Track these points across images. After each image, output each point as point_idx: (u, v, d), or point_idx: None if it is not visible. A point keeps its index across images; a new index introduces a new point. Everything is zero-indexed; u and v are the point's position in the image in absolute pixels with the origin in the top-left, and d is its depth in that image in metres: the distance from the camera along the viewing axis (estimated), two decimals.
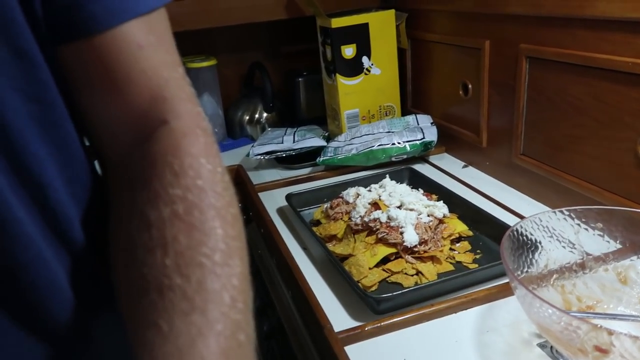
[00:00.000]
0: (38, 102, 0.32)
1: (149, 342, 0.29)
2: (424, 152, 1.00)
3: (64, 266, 0.35)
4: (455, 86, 0.98)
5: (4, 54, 0.30)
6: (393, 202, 0.74)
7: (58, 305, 0.34)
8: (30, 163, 0.32)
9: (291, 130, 1.17)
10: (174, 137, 0.36)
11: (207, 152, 0.36)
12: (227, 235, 0.33)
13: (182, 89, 0.38)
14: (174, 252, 0.31)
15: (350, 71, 1.07)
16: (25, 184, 0.32)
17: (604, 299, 0.55)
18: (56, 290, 0.34)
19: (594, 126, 0.68)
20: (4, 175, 0.31)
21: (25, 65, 0.31)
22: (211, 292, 0.30)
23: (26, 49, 0.31)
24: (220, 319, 0.29)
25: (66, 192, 0.35)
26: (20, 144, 0.32)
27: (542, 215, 0.57)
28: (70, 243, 0.35)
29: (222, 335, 0.29)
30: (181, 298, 0.29)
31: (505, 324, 0.56)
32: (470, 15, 0.90)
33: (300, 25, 1.21)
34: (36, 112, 0.32)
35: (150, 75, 0.36)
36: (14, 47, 0.30)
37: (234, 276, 0.31)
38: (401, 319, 0.57)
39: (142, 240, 0.32)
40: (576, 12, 0.66)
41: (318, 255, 0.72)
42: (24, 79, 0.31)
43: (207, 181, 0.34)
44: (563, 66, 0.71)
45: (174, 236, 0.31)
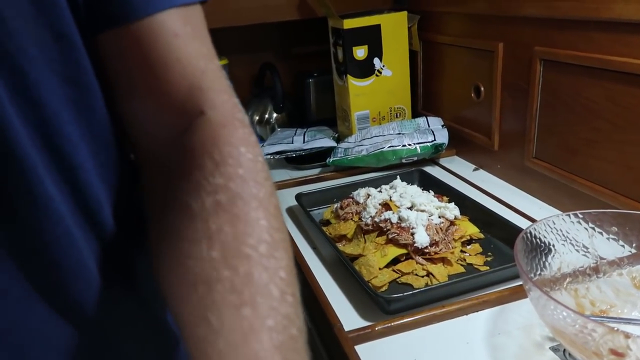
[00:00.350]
0: (75, 85, 0.33)
1: (201, 339, 0.28)
2: (435, 154, 0.99)
3: (91, 248, 0.35)
4: (467, 89, 0.98)
5: (45, 37, 0.31)
6: (404, 203, 0.74)
7: (83, 286, 0.34)
8: (64, 144, 0.33)
9: (301, 130, 1.17)
10: (212, 127, 0.35)
11: (247, 141, 0.36)
12: (271, 227, 0.32)
13: (218, 80, 0.38)
14: (220, 244, 0.31)
15: (362, 72, 1.07)
16: (58, 164, 0.33)
17: (617, 303, 0.55)
18: (81, 270, 0.34)
19: (608, 129, 0.68)
20: (38, 154, 0.31)
21: (64, 48, 0.32)
22: (260, 285, 0.29)
23: (65, 32, 0.31)
24: (270, 314, 0.29)
25: (97, 175, 0.35)
26: (55, 125, 0.32)
27: (556, 218, 0.57)
28: (99, 225, 0.36)
29: (274, 331, 0.28)
30: (230, 291, 0.29)
31: (517, 326, 0.55)
32: (483, 18, 0.90)
33: (311, 26, 1.21)
34: (72, 95, 0.33)
35: (185, 64, 0.36)
36: (54, 30, 0.31)
37: (280, 269, 0.31)
38: (412, 320, 0.56)
39: (186, 232, 0.32)
40: (592, 14, 0.66)
41: (328, 255, 0.72)
42: (62, 62, 0.32)
43: (248, 170, 0.34)
44: (578, 69, 0.71)
45: (219, 227, 0.31)
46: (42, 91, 0.31)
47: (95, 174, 0.35)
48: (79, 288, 0.34)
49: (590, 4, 0.65)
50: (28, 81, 0.30)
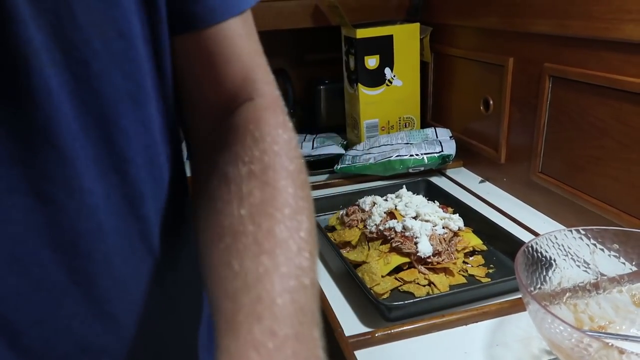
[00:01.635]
0: (132, 81, 0.35)
1: (222, 278, 0.32)
2: (442, 165, 1.00)
3: (127, 242, 0.37)
4: (476, 101, 0.99)
5: (109, 32, 0.33)
6: (409, 213, 0.75)
7: (111, 281, 0.35)
8: (118, 137, 0.34)
9: (310, 137, 1.18)
10: (257, 110, 0.40)
11: (285, 125, 0.40)
12: (296, 195, 0.35)
13: (266, 74, 0.43)
14: (249, 204, 0.34)
15: (372, 81, 1.08)
16: (111, 156, 0.34)
17: (616, 320, 0.55)
18: (110, 265, 0.35)
19: (615, 148, 0.68)
20: (86, 146, 0.33)
21: (125, 45, 0.34)
22: (279, 239, 0.32)
23: (127, 31, 0.34)
24: (285, 263, 0.31)
25: (145, 171, 0.37)
26: (113, 118, 0.34)
27: (558, 233, 0.58)
28: (140, 219, 0.37)
29: (286, 276, 0.31)
30: (252, 242, 0.32)
31: (515, 339, 0.56)
32: (495, 33, 0.91)
33: (324, 34, 1.22)
34: (129, 90, 0.35)
35: (243, 60, 0.40)
36: (117, 27, 0.33)
37: (301, 230, 0.34)
38: (411, 328, 0.57)
39: (221, 193, 0.35)
40: (602, 34, 0.66)
41: (332, 261, 0.73)
42: (123, 58, 0.34)
43: (283, 148, 0.37)
44: (586, 87, 0.71)
45: (249, 191, 0.34)
46: (103, 83, 0.33)
47: (144, 170, 0.37)
48: (105, 284, 0.35)
49: (601, 24, 0.66)
50: (91, 72, 0.32)
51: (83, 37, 0.31)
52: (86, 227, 0.33)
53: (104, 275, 0.35)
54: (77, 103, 0.32)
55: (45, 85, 0.30)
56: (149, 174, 0.37)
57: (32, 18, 0.29)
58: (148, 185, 0.37)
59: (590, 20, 0.68)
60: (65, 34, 0.30)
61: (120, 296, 0.36)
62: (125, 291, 0.37)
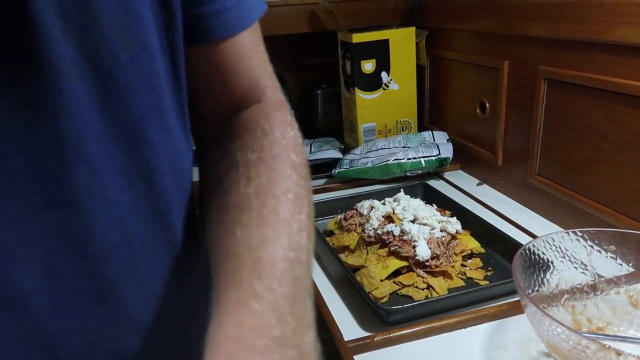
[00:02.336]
0: (155, 91, 0.36)
1: (225, 244, 0.34)
2: (439, 168, 1.01)
3: (154, 249, 0.38)
4: (472, 104, 0.99)
5: (134, 44, 0.34)
6: (407, 216, 0.75)
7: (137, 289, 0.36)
8: (145, 147, 0.35)
9: (308, 141, 1.19)
10: (266, 108, 0.43)
11: (292, 124, 0.43)
12: (299, 184, 0.38)
13: (274, 80, 0.46)
14: (255, 185, 0.36)
15: (369, 86, 1.09)
16: (138, 166, 0.35)
17: (614, 321, 0.56)
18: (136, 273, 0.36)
19: (610, 150, 0.69)
20: (121, 158, 0.34)
21: (148, 56, 0.35)
22: (282, 217, 0.35)
23: (148, 42, 0.35)
24: (285, 236, 0.33)
25: (171, 179, 0.38)
26: (139, 128, 0.35)
27: (555, 235, 0.58)
28: (167, 227, 0.39)
29: (286, 247, 0.33)
30: (257, 215, 0.34)
31: (514, 341, 0.56)
32: (490, 36, 0.91)
33: (321, 39, 1.23)
34: (153, 101, 0.36)
35: (253, 69, 0.43)
36: (141, 40, 0.34)
37: (302, 214, 0.36)
38: (410, 332, 0.57)
39: (230, 175, 0.38)
40: (596, 36, 0.67)
41: (330, 265, 0.73)
42: (147, 69, 0.35)
43: (290, 142, 0.40)
44: (581, 89, 0.72)
45: (257, 174, 0.37)
46: (129, 94, 0.34)
47: (169, 178, 0.38)
48: (133, 292, 0.36)
49: (594, 27, 0.67)
50: (118, 84, 0.33)
51: (111, 50, 0.32)
52: (116, 237, 0.34)
53: (132, 284, 0.36)
54: (105, 115, 0.32)
55: (76, 100, 0.30)
56: (174, 182, 0.39)
57: (62, 34, 0.29)
58: (174, 193, 0.39)
59: (584, 23, 0.68)
60: (94, 48, 0.31)
61: (147, 304, 0.37)
62: (153, 298, 0.38)
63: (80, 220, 0.32)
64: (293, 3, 1.15)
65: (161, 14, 0.36)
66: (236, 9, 0.40)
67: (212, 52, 0.41)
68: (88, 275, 0.33)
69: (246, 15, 0.41)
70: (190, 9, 0.38)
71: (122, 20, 0.32)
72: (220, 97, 0.43)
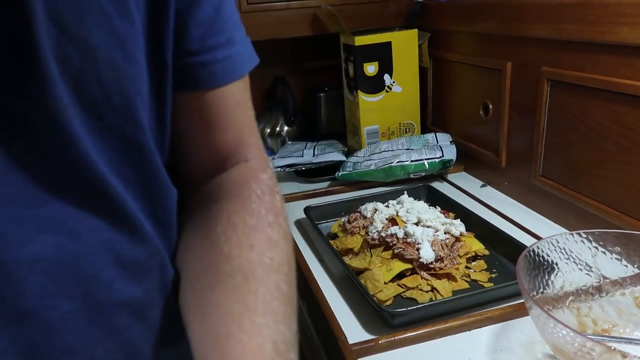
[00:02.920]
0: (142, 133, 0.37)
1: (237, 315, 0.35)
2: (443, 170, 1.00)
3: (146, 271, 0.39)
4: (475, 106, 0.99)
5: (131, 90, 0.35)
6: (410, 219, 0.75)
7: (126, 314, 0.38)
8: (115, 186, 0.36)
9: (311, 144, 1.19)
10: (255, 170, 0.44)
11: (277, 188, 0.45)
12: (290, 255, 0.42)
13: (258, 139, 0.47)
14: (257, 252, 0.39)
15: (372, 88, 1.09)
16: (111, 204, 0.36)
17: (620, 323, 0.55)
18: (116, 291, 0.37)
19: (614, 150, 0.69)
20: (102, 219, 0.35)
21: (140, 100, 0.36)
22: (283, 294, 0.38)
23: (141, 87, 0.36)
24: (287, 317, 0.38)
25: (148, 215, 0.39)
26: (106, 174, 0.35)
27: (559, 236, 0.58)
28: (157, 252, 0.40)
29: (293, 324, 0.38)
30: (263, 287, 0.37)
31: (519, 343, 0.56)
32: (492, 37, 0.91)
33: (323, 42, 1.23)
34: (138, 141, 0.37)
35: (239, 126, 0.44)
36: (136, 85, 0.36)
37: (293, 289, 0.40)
38: (415, 334, 0.57)
39: (229, 238, 0.39)
40: (598, 37, 0.67)
41: (334, 268, 0.73)
42: (136, 112, 0.36)
43: (278, 208, 0.43)
44: (584, 90, 0.72)
45: (258, 240, 0.39)
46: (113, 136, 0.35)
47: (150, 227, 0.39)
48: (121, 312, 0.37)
49: (596, 27, 0.67)
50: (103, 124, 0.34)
51: (103, 93, 0.33)
52: (106, 260, 0.35)
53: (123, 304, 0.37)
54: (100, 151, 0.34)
55: (71, 135, 0.32)
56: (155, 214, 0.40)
57: (60, 75, 0.31)
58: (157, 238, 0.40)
59: (586, 24, 0.68)
60: (88, 91, 0.32)
61: (138, 324, 0.38)
62: (143, 319, 0.39)
63: (73, 243, 0.33)
64: (295, 6, 1.16)
65: (155, 60, 0.37)
66: (227, 62, 0.41)
67: (200, 101, 0.41)
68: (80, 295, 0.34)
69: (236, 68, 0.42)
70: (181, 58, 0.39)
71: (121, 65, 0.34)
72: (206, 148, 0.43)
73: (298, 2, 1.15)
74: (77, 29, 0.31)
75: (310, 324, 0.70)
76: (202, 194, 0.44)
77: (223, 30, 0.40)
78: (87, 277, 0.34)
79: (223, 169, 0.44)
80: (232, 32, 0.41)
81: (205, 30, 0.39)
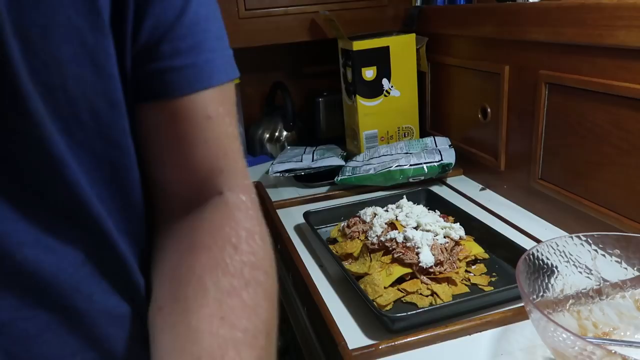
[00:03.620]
0: (117, 149, 0.36)
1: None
2: (442, 174, 1.00)
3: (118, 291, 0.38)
4: (474, 110, 0.99)
5: (100, 104, 0.34)
6: (410, 223, 0.75)
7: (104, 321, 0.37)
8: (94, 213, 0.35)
9: (310, 149, 1.19)
10: (229, 209, 0.40)
11: (259, 225, 0.40)
12: (269, 319, 0.37)
13: (237, 162, 0.42)
14: (230, 325, 0.35)
15: (370, 93, 1.09)
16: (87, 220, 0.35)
17: (620, 326, 0.55)
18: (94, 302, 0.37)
19: (613, 153, 0.69)
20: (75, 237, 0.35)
21: (115, 114, 0.35)
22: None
23: (118, 101, 0.35)
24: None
25: (125, 243, 0.38)
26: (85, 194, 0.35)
27: (559, 239, 0.58)
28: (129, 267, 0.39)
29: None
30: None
31: (519, 347, 0.56)
32: (490, 41, 0.92)
33: (322, 47, 1.23)
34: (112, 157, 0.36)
35: (210, 145, 0.39)
36: (109, 98, 0.34)
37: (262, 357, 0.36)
38: (415, 339, 0.57)
39: (199, 306, 0.35)
40: (596, 40, 0.67)
41: (334, 272, 0.73)
42: (110, 127, 0.35)
43: (260, 259, 0.38)
44: (582, 93, 0.72)
45: (231, 309, 0.35)
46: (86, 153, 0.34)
47: (124, 242, 0.38)
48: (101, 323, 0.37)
49: (594, 30, 0.67)
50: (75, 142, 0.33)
51: (72, 109, 0.33)
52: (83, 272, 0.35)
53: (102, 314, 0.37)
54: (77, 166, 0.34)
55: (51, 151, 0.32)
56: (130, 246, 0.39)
57: (33, 91, 0.30)
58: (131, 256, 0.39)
59: (584, 27, 0.68)
60: (57, 107, 0.32)
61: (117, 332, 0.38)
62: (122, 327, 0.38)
63: (51, 257, 0.33)
64: (293, 12, 1.16)
65: (122, 71, 0.35)
66: (189, 70, 0.37)
67: (163, 113, 0.37)
68: (58, 307, 0.34)
69: (202, 77, 0.37)
70: (139, 66, 0.36)
71: (91, 80, 0.33)
72: (173, 172, 0.40)
73: (296, 7, 1.16)
74: (44, 43, 0.30)
75: (310, 329, 0.70)
76: (175, 233, 0.40)
77: (186, 37, 0.37)
78: (66, 289, 0.34)
79: (197, 202, 0.40)
80: (199, 39, 0.37)
81: (161, 35, 0.36)
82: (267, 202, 0.97)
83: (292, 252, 0.77)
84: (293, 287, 0.80)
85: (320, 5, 1.16)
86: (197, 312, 0.35)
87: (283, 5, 1.15)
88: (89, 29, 0.32)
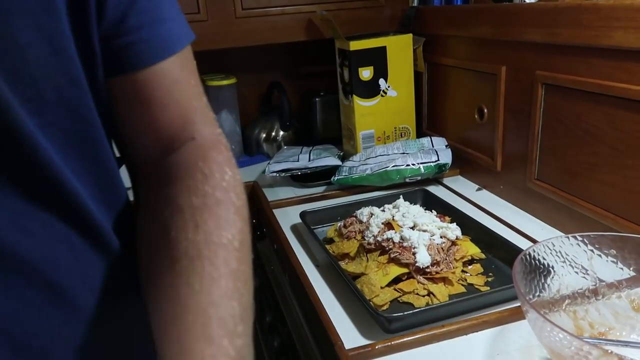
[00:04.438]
0: (85, 124, 0.38)
1: (183, 297, 0.35)
2: (438, 174, 1.01)
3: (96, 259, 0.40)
4: (471, 110, 0.99)
5: (62, 83, 0.36)
6: (406, 223, 0.75)
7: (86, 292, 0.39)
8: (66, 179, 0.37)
9: (307, 148, 1.19)
10: (202, 149, 0.43)
11: (229, 163, 0.43)
12: (243, 230, 0.40)
13: (206, 115, 0.45)
14: (204, 232, 0.38)
15: (367, 93, 1.09)
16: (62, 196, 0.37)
17: (616, 326, 0.55)
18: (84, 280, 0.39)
19: (609, 154, 0.69)
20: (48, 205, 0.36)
21: (78, 92, 0.37)
22: (232, 269, 0.38)
23: (78, 78, 0.37)
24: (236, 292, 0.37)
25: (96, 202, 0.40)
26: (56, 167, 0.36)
27: (555, 240, 0.58)
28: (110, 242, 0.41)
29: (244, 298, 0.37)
30: (209, 265, 0.37)
31: (516, 347, 0.56)
32: (487, 42, 0.92)
33: (319, 47, 1.23)
34: (80, 130, 0.38)
35: (182, 104, 0.43)
36: (71, 78, 0.36)
37: (246, 262, 0.39)
38: (412, 339, 0.57)
39: (175, 222, 0.39)
40: (592, 41, 0.67)
41: (330, 273, 0.73)
42: (76, 104, 0.37)
43: (230, 184, 0.42)
44: (579, 93, 0.72)
45: (204, 220, 0.38)
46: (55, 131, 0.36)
47: (100, 212, 0.40)
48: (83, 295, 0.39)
49: (590, 32, 0.67)
50: (45, 121, 0.35)
51: (37, 90, 0.34)
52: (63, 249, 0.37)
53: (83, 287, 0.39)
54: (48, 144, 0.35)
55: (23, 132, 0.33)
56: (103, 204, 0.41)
57: None
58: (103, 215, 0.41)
59: (580, 28, 0.68)
60: (23, 89, 0.33)
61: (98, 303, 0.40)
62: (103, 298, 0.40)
63: (28, 240, 0.35)
64: (290, 12, 1.16)
65: (84, 50, 0.37)
66: (154, 40, 0.40)
67: (134, 83, 0.41)
68: (40, 284, 0.36)
69: (166, 45, 0.41)
70: (107, 42, 0.39)
71: (51, 61, 0.34)
72: (149, 132, 0.43)
73: (293, 7, 1.16)
74: (3, 29, 0.31)
75: (307, 329, 0.70)
76: (153, 178, 0.44)
77: (147, 10, 0.40)
78: (47, 267, 0.36)
79: (171, 150, 0.43)
80: (159, 9, 0.41)
81: (125, 10, 0.38)
82: (264, 201, 0.97)
83: (289, 252, 0.76)
84: (289, 287, 0.80)
85: (317, 5, 1.16)
86: (174, 226, 0.38)
87: (280, 4, 1.15)
88: (43, 12, 0.33)
